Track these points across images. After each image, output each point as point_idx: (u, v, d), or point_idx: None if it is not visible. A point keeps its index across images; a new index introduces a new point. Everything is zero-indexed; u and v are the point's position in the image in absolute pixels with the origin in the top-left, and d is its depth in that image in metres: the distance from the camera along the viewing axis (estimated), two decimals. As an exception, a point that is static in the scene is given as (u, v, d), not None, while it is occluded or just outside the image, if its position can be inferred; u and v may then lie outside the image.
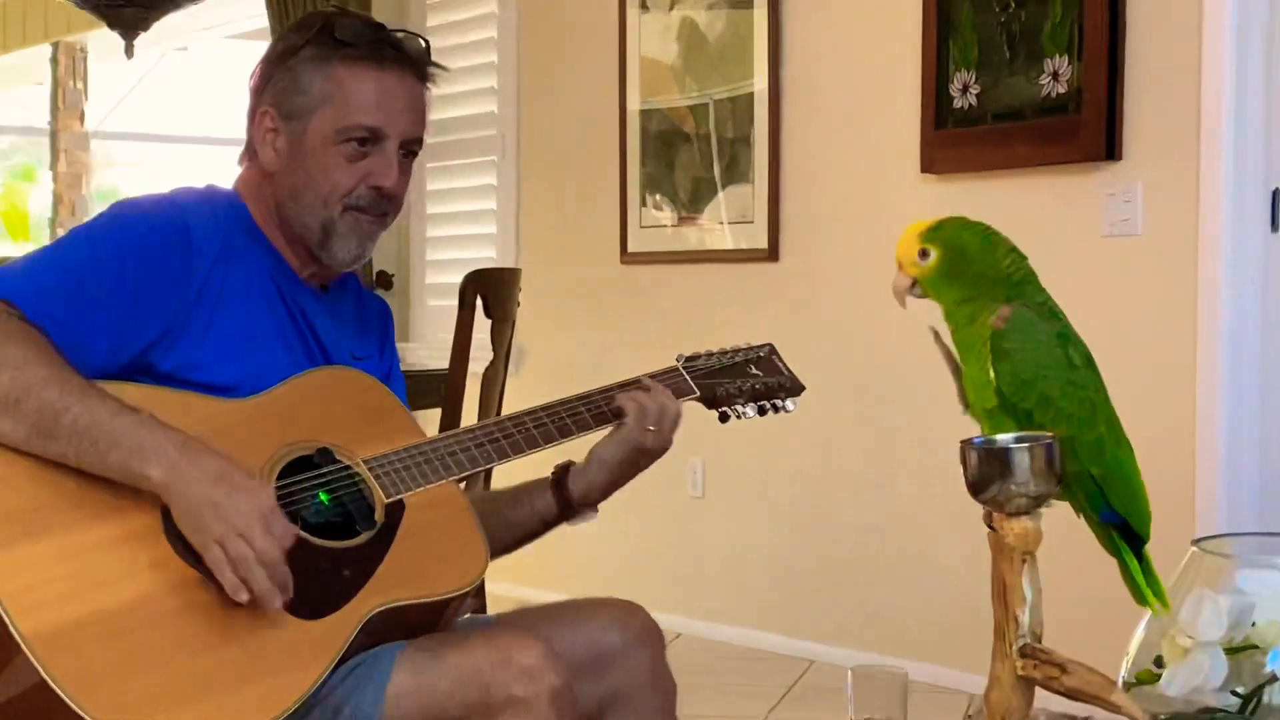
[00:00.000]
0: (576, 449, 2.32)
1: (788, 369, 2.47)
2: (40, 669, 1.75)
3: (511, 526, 2.34)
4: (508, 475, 2.46)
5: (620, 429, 2.27)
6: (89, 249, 2.03)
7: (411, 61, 2.21)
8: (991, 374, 2.06)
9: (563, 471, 2.33)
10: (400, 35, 2.23)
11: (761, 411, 2.42)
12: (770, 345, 2.50)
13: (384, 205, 2.21)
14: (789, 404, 2.43)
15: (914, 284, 2.17)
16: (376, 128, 2.17)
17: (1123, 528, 2.13)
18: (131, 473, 1.88)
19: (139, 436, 1.88)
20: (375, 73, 2.17)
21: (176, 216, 2.09)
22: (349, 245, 2.20)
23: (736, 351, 2.45)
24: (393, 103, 2.18)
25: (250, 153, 2.23)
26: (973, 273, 2.13)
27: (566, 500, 2.32)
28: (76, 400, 1.88)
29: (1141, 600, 2.09)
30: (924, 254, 2.14)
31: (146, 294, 2.02)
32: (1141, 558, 2.13)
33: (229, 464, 1.91)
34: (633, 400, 2.27)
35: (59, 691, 1.74)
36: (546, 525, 2.36)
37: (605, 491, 2.32)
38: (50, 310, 1.96)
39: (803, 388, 2.46)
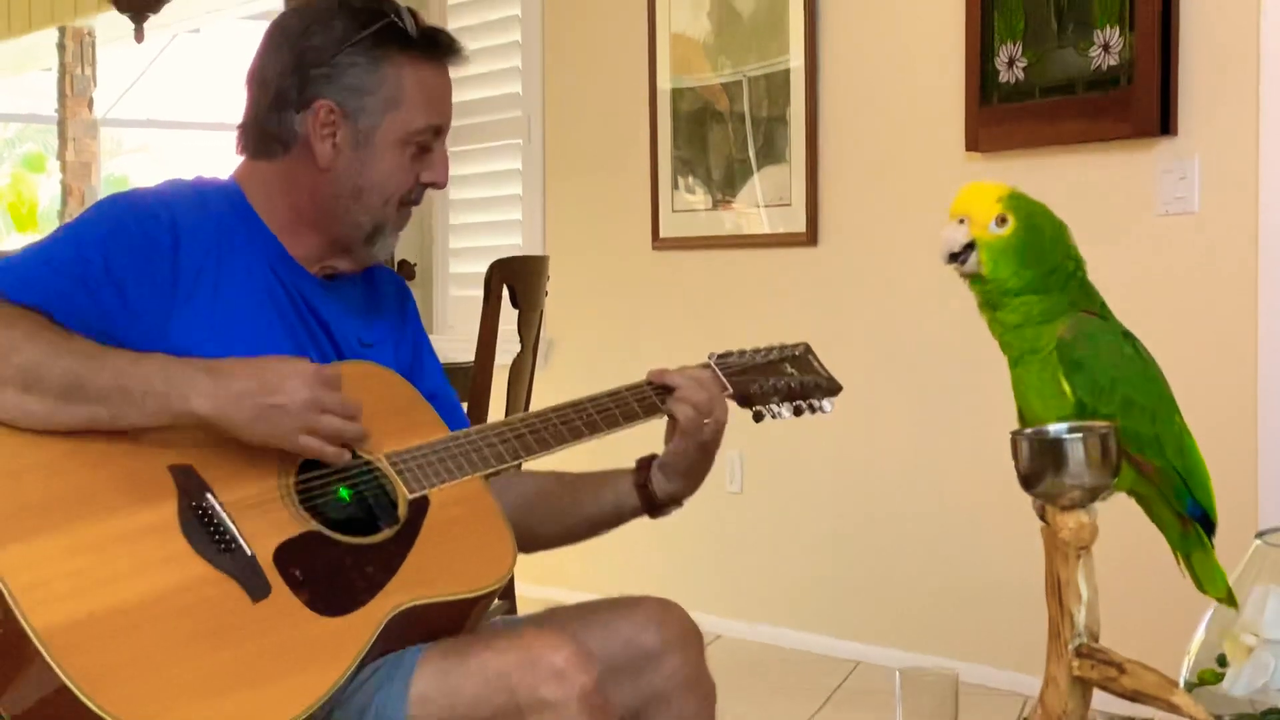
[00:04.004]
0: (627, 442, 2.29)
1: (824, 369, 2.45)
2: (54, 665, 1.73)
3: (590, 520, 2.34)
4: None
5: (678, 435, 2.24)
6: (73, 247, 2.02)
7: (455, 53, 2.24)
8: (1066, 386, 2.04)
9: (646, 473, 2.29)
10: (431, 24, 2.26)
11: (797, 412, 2.39)
12: (806, 344, 2.47)
13: (423, 196, 2.25)
14: (826, 405, 2.41)
15: (969, 247, 2.05)
16: (440, 126, 2.20)
17: (1202, 519, 2.13)
18: (173, 413, 1.91)
19: (167, 376, 1.91)
20: (435, 70, 2.20)
21: (163, 213, 2.07)
22: (390, 242, 2.23)
23: (771, 350, 2.43)
24: (446, 98, 2.22)
25: (261, 145, 2.19)
26: (1048, 261, 2.06)
27: (652, 502, 2.30)
28: (93, 361, 1.90)
29: (1220, 591, 2.09)
30: (1001, 220, 2.03)
31: (133, 292, 2.01)
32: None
33: (254, 363, 1.96)
34: (680, 403, 2.23)
35: (73, 687, 1.73)
36: (628, 518, 2.34)
37: (690, 492, 2.32)
38: (38, 303, 1.94)
39: (840, 388, 2.43)
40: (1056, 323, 2.04)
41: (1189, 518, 2.12)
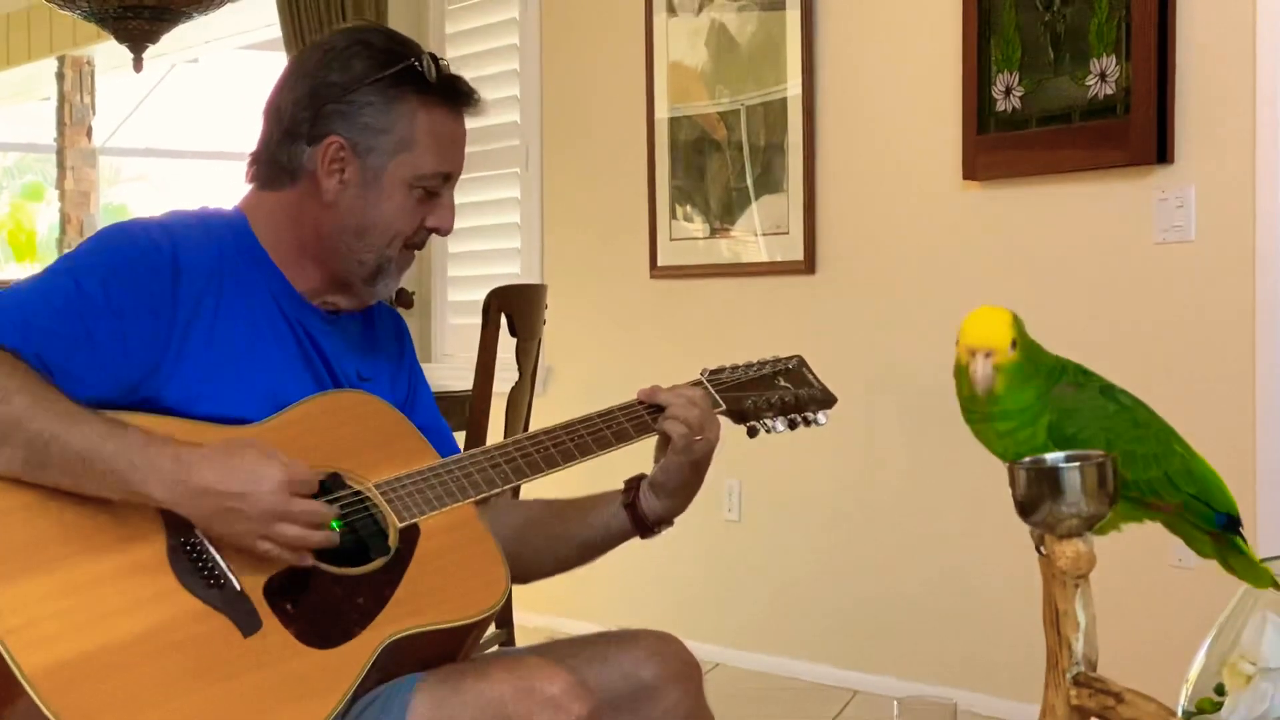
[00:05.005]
0: (621, 462, 2.26)
1: (818, 380, 2.42)
2: (44, 707, 1.72)
3: (582, 545, 2.31)
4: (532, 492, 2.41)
5: (670, 452, 2.21)
6: (72, 279, 2.01)
7: (473, 103, 2.23)
8: None
9: (634, 493, 2.27)
10: (448, 67, 2.23)
11: (792, 425, 2.36)
12: (799, 357, 2.45)
13: (427, 240, 2.26)
14: (820, 417, 2.38)
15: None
16: (449, 173, 2.20)
17: (1228, 523, 2.13)
18: (133, 494, 1.88)
19: (132, 457, 1.87)
20: (451, 117, 2.19)
21: (163, 242, 2.06)
22: (391, 283, 2.21)
23: (763, 364, 2.41)
24: (459, 146, 2.22)
25: (271, 175, 2.19)
26: (1044, 367, 2.08)
27: (642, 523, 2.27)
28: (64, 427, 1.87)
29: (1266, 583, 2.09)
30: (1013, 344, 2.04)
31: (132, 324, 2.00)
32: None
33: (226, 455, 1.90)
34: (672, 420, 2.21)
35: None
36: (619, 541, 2.31)
37: (679, 510, 2.28)
38: (34, 345, 1.93)
39: (834, 400, 2.41)
40: (1046, 414, 2.05)
41: (1219, 529, 2.13)
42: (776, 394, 2.35)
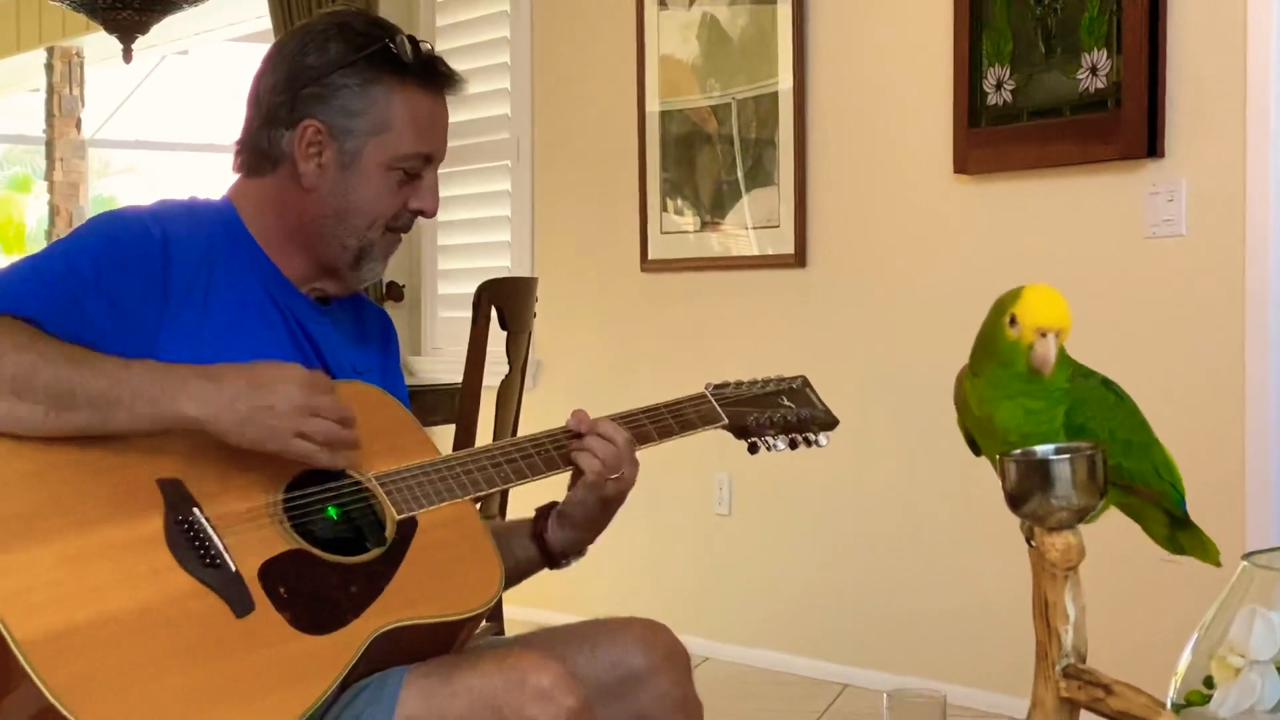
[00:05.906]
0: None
1: (821, 402, 2.45)
2: (34, 675, 1.72)
3: (509, 570, 2.28)
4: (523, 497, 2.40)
5: (580, 486, 2.21)
6: (66, 261, 2.01)
7: (452, 83, 2.23)
8: None
9: (543, 524, 2.28)
10: (430, 50, 2.22)
11: (793, 445, 2.40)
12: (803, 378, 2.48)
13: (413, 223, 2.24)
14: (822, 438, 2.42)
15: None
16: (430, 154, 2.19)
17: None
18: (164, 417, 1.90)
19: (157, 380, 1.90)
20: (429, 98, 2.19)
21: (154, 229, 2.08)
22: (377, 266, 2.22)
23: (768, 382, 2.44)
24: (439, 127, 2.21)
25: (254, 162, 2.19)
26: (1064, 356, 2.08)
27: (549, 553, 2.28)
28: (82, 367, 1.89)
29: (1216, 557, 2.15)
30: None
31: (122, 306, 2.01)
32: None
33: (248, 367, 1.95)
34: (587, 454, 2.19)
35: (53, 699, 1.72)
36: (535, 569, 2.31)
37: (587, 543, 2.30)
38: (31, 314, 1.94)
39: (836, 421, 2.43)
40: (1065, 400, 2.07)
41: (1182, 515, 2.16)
42: (779, 413, 2.38)
